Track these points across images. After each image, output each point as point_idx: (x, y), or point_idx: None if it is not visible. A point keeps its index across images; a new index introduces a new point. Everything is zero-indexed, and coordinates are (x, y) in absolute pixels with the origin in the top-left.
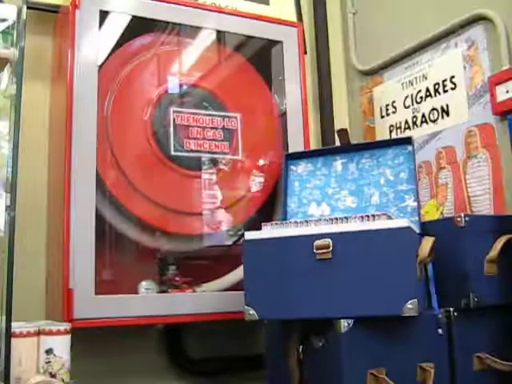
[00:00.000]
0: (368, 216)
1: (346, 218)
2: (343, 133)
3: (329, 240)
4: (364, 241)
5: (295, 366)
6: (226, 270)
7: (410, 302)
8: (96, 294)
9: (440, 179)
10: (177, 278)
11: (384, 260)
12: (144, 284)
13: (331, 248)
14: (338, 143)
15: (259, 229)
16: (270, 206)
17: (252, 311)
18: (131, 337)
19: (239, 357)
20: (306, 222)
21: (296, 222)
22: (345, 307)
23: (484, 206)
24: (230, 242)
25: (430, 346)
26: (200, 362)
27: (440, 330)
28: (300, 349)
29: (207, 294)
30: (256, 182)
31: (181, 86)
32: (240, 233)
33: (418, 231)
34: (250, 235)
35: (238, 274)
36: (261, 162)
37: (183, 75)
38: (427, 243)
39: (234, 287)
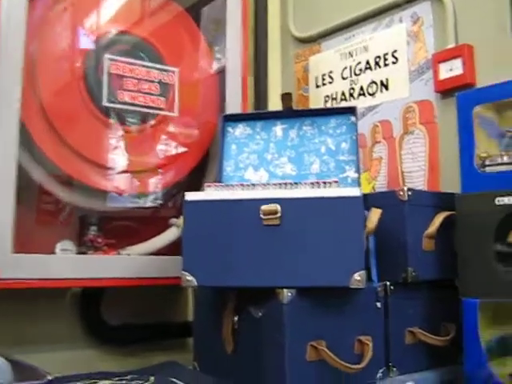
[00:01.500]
0: (319, 183)
1: (296, 183)
2: (287, 97)
3: (277, 205)
4: (314, 208)
5: (229, 336)
6: (153, 233)
7: (357, 273)
8: (13, 252)
9: (374, 153)
10: (99, 240)
11: (333, 229)
12: (60, 245)
13: (279, 214)
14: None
15: (192, 190)
16: (202, 168)
17: (190, 277)
18: (42, 301)
19: (161, 324)
20: (253, 185)
21: (242, 185)
22: (290, 277)
23: (418, 182)
24: (158, 204)
25: (368, 319)
26: (118, 330)
27: (378, 304)
28: (235, 318)
29: (133, 258)
30: (190, 142)
31: (117, 33)
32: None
33: None
34: (191, 196)
35: (166, 237)
36: (196, 121)
37: (120, 21)
38: (375, 215)
39: (162, 251)
